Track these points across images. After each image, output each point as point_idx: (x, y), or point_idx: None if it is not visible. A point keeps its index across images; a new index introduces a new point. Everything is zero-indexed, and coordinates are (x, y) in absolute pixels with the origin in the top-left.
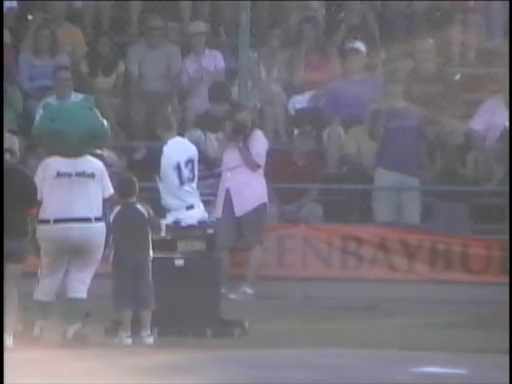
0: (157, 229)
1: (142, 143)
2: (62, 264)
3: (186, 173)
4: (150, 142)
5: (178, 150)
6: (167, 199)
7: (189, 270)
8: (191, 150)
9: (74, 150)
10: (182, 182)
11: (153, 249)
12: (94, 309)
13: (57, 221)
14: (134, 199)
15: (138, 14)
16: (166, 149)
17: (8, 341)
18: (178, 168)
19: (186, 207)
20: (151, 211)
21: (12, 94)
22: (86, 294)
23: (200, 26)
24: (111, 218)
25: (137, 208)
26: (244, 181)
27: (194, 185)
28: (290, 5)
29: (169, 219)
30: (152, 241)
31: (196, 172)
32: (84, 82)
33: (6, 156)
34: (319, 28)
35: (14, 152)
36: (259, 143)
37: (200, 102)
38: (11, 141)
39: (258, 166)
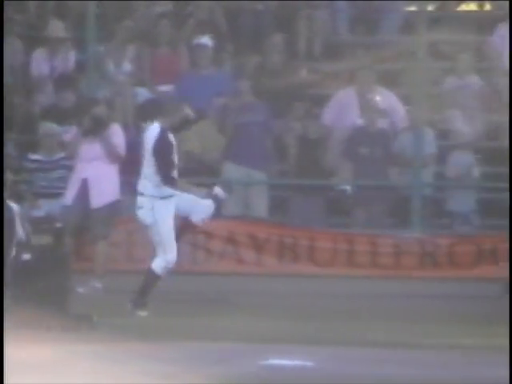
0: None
1: None
2: None
3: None
4: None
5: None
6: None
7: (36, 264)
8: None
9: None
10: None
11: None
12: None
13: None
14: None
15: None
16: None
17: None
18: None
19: None
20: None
21: None
22: None
23: (57, 26)
24: None
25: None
26: (102, 174)
27: None
28: None
29: None
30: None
31: None
32: None
33: None
34: (167, 22)
35: None
36: (118, 136)
37: (48, 95)
38: None
39: (120, 157)
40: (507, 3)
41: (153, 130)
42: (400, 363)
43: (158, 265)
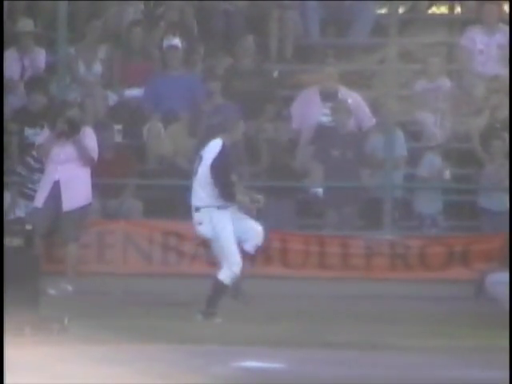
0: None
1: None
2: None
3: None
4: None
5: None
6: None
7: (7, 267)
8: None
9: None
10: None
11: None
12: None
13: None
14: None
15: None
16: None
17: None
18: None
19: None
20: None
21: None
22: None
23: (29, 25)
24: None
25: None
26: (74, 176)
27: None
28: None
29: None
30: None
31: None
32: None
33: None
34: (138, 23)
35: None
36: (91, 138)
37: (19, 97)
38: None
39: (93, 160)
40: (477, 6)
41: (215, 145)
42: (372, 365)
43: (225, 275)
